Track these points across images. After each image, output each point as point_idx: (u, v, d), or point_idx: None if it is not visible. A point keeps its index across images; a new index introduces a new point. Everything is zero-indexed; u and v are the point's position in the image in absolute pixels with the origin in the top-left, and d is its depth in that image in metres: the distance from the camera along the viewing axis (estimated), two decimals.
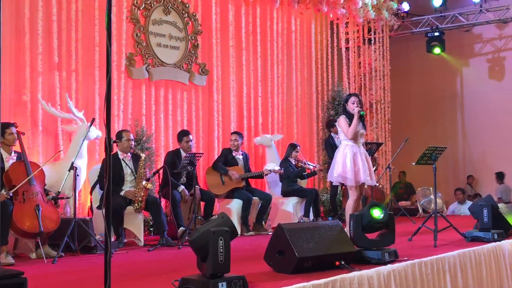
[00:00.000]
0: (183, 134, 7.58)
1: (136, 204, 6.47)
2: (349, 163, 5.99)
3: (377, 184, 9.23)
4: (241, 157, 8.04)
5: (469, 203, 9.93)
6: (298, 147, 8.78)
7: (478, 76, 12.98)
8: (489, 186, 12.25)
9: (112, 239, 6.20)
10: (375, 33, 12.15)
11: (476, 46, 13.05)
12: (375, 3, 11.47)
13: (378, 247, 4.84)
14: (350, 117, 6.14)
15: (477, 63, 13.05)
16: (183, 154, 7.25)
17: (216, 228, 3.70)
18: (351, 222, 4.89)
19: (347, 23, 11.63)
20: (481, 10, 11.71)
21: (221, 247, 3.64)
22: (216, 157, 8.58)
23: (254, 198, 7.78)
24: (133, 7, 8.13)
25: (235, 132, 8.25)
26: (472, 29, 12.62)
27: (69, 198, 6.32)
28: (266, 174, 8.19)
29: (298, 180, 8.73)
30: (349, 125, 6.05)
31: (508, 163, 12.20)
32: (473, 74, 13.06)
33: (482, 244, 5.79)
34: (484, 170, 12.69)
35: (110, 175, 3.05)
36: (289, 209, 8.36)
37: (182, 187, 7.15)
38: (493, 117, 12.59)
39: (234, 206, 7.67)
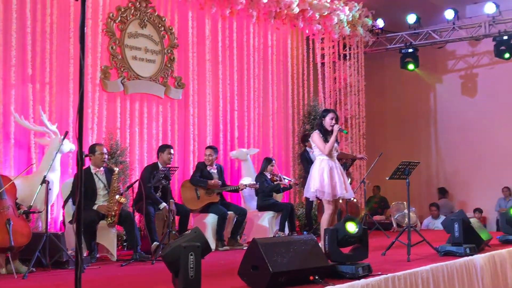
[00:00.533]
0: (166, 146, 7.53)
1: (109, 219, 6.40)
2: (326, 178, 6.03)
3: (353, 198, 9.27)
4: (215, 171, 8.02)
5: (442, 217, 10.02)
6: (274, 161, 8.80)
7: (451, 92, 13.17)
8: (462, 201, 12.40)
9: (85, 254, 6.12)
10: (350, 49, 12.28)
11: (449, 63, 13.26)
12: (350, 19, 11.61)
13: (352, 262, 4.85)
14: (324, 132, 6.18)
15: (450, 79, 13.25)
16: (161, 167, 7.20)
17: (187, 244, 3.68)
18: (326, 237, 4.90)
19: (322, 38, 11.75)
20: (454, 28, 11.91)
21: (192, 262, 3.62)
22: (191, 171, 8.55)
23: (229, 212, 7.76)
24: (109, 20, 8.10)
25: (209, 147, 8.22)
26: (445, 46, 12.82)
27: (41, 212, 6.22)
28: (242, 189, 8.19)
29: (274, 194, 8.73)
30: (324, 140, 6.10)
31: (480, 178, 12.38)
32: (446, 90, 13.26)
33: (455, 258, 5.84)
34: (457, 184, 12.84)
35: (81, 190, 3.02)
36: (264, 223, 8.35)
37: (164, 204, 7.05)
38: (466, 133, 12.78)
39: (209, 221, 7.64)
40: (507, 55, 11.62)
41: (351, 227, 4.92)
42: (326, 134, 6.17)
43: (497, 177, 12.09)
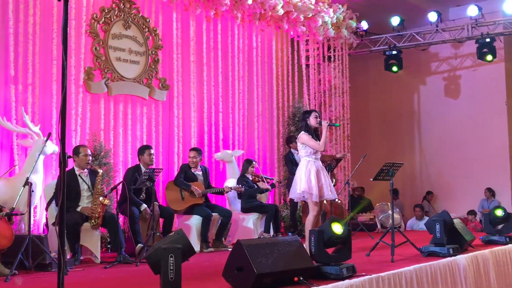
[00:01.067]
0: (145, 147, 7.51)
1: (93, 221, 6.36)
2: (314, 179, 6.06)
3: (337, 199, 9.31)
4: (200, 172, 8.01)
5: (426, 218, 10.10)
6: (254, 162, 8.80)
7: (434, 94, 13.29)
8: (446, 202, 12.50)
9: (68, 256, 6.07)
10: (334, 51, 12.33)
11: (433, 65, 13.38)
12: (335, 21, 11.66)
13: (336, 263, 4.87)
14: (311, 132, 6.21)
15: (433, 81, 13.36)
16: (144, 169, 7.17)
17: (167, 246, 3.69)
18: (312, 238, 4.91)
19: (307, 40, 11.78)
20: (437, 30, 12.00)
21: (171, 264, 3.63)
22: (175, 172, 8.52)
23: (214, 214, 7.74)
24: (93, 21, 8.05)
25: (193, 149, 8.19)
26: (428, 48, 12.93)
27: (23, 214, 6.17)
28: (227, 192, 8.17)
29: (258, 195, 8.73)
30: (313, 139, 6.12)
31: (463, 179, 12.49)
32: (430, 92, 13.36)
33: (438, 259, 5.89)
34: (441, 186, 12.95)
35: (64, 191, 2.99)
36: (249, 225, 8.35)
37: (144, 205, 7.03)
38: (449, 134, 12.89)
39: (194, 223, 7.62)
40: (489, 57, 11.75)
41: (337, 228, 4.94)
42: (312, 134, 6.19)
43: (479, 178, 12.21)
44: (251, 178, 8.60)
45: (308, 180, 6.07)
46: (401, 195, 13.02)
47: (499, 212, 7.60)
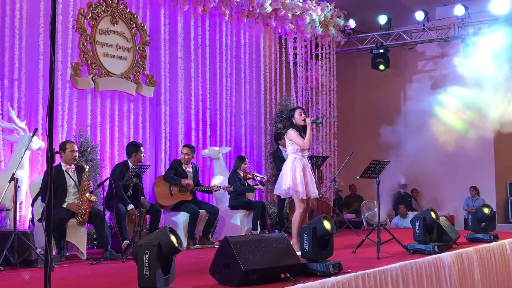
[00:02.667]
0: (138, 145, 7.43)
1: (79, 217, 6.34)
2: (299, 176, 6.07)
3: (322, 196, 9.35)
4: (190, 169, 7.99)
5: (411, 216, 10.18)
6: (247, 159, 8.82)
7: (421, 92, 13.35)
8: (432, 200, 12.59)
9: (54, 253, 6.04)
10: (322, 49, 12.36)
11: (419, 64, 13.45)
12: (323, 19, 11.69)
13: (322, 260, 4.90)
14: (298, 129, 6.23)
15: (420, 80, 13.43)
16: (131, 166, 7.14)
17: (144, 242, 3.72)
18: (306, 235, 4.90)
19: (295, 38, 11.80)
20: (424, 29, 12.07)
21: (146, 261, 3.65)
22: (162, 169, 8.51)
23: (201, 211, 7.74)
24: (80, 16, 8.00)
25: (187, 146, 8.13)
26: (415, 47, 12.99)
27: (9, 210, 6.14)
28: (216, 191, 8.14)
29: (246, 193, 8.74)
30: (300, 136, 6.14)
31: (448, 178, 12.58)
32: (416, 91, 13.42)
33: (423, 256, 5.94)
34: (426, 184, 13.03)
35: (51, 187, 2.98)
36: (236, 222, 8.36)
37: (131, 206, 7.01)
38: (435, 132, 12.96)
39: (180, 219, 7.62)
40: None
41: (327, 225, 4.98)
42: (300, 131, 6.21)
43: (465, 177, 12.31)
44: (242, 175, 8.61)
45: (294, 177, 6.08)
46: (386, 193, 13.08)
47: (486, 210, 7.69)
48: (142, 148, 7.42)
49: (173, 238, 3.82)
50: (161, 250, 3.73)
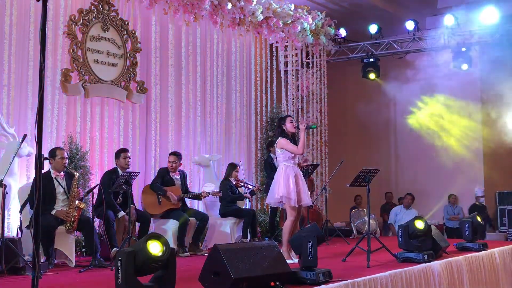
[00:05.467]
0: (121, 151, 7.46)
1: (68, 225, 6.28)
2: (292, 184, 6.08)
3: (313, 204, 9.34)
4: (178, 177, 7.97)
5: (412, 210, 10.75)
6: (238, 167, 8.79)
7: (410, 102, 13.41)
8: (421, 208, 12.61)
9: (42, 260, 5.98)
10: (313, 57, 12.40)
11: (409, 73, 13.49)
12: (314, 28, 11.73)
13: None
14: (289, 138, 6.24)
15: (409, 89, 13.48)
16: (121, 173, 7.11)
17: (121, 249, 3.76)
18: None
19: (286, 46, 11.82)
20: (414, 39, 12.15)
21: (119, 267, 3.69)
22: (152, 176, 8.47)
23: (190, 218, 7.70)
24: (71, 22, 7.97)
25: (173, 153, 8.11)
26: (405, 56, 13.06)
27: None
28: (205, 197, 8.11)
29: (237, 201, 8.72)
30: (292, 143, 6.16)
31: (437, 186, 12.63)
32: (406, 100, 13.49)
33: (413, 265, 5.94)
34: (415, 192, 13.05)
35: (40, 193, 2.95)
36: (226, 229, 8.33)
37: (122, 213, 6.97)
38: (425, 141, 13.02)
39: (170, 227, 7.58)
40: (465, 66, 11.92)
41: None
42: (290, 139, 6.22)
43: (454, 185, 12.35)
44: (234, 183, 8.59)
45: (287, 184, 6.09)
46: (376, 201, 13.10)
47: (479, 219, 7.74)
48: (125, 154, 7.37)
49: (153, 246, 3.81)
50: (134, 258, 3.71)
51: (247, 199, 8.98)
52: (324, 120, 12.45)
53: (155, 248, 3.85)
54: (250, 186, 8.83)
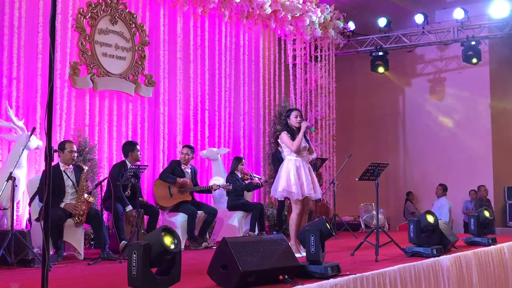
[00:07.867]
0: (134, 143, 7.43)
1: (76, 218, 6.30)
2: (293, 177, 6.05)
3: (321, 199, 9.33)
4: (189, 170, 7.97)
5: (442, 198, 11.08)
6: (243, 160, 8.78)
7: (419, 95, 13.36)
8: (429, 203, 12.59)
9: (51, 252, 6.01)
10: (321, 51, 12.36)
11: (418, 67, 13.45)
12: (322, 21, 11.69)
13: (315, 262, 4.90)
14: (291, 132, 6.21)
15: (418, 82, 13.44)
16: (130, 166, 7.11)
17: (133, 242, 3.74)
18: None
19: (294, 40, 11.79)
20: (423, 32, 12.08)
21: (134, 261, 3.67)
22: (160, 169, 8.48)
23: (199, 212, 7.71)
24: (79, 15, 7.98)
25: (187, 146, 8.12)
26: (414, 50, 13.00)
27: (6, 209, 6.10)
28: (215, 189, 8.11)
29: (244, 193, 8.72)
30: (292, 139, 6.13)
31: (446, 180, 12.57)
32: (415, 94, 13.44)
33: (422, 259, 5.91)
34: (424, 186, 13.03)
35: (49, 186, 2.96)
36: (234, 223, 8.33)
37: (130, 207, 6.99)
38: (434, 136, 12.98)
39: (178, 220, 7.59)
40: (474, 60, 11.84)
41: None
42: (293, 133, 6.20)
43: (462, 180, 12.30)
44: (240, 176, 8.59)
45: (288, 178, 6.07)
46: (384, 195, 13.08)
47: (487, 214, 7.69)
48: (138, 147, 7.40)
49: (166, 239, 3.80)
50: (149, 250, 3.71)
51: (255, 192, 8.93)
52: (332, 114, 12.42)
53: (168, 240, 3.86)
54: (257, 178, 8.82)
